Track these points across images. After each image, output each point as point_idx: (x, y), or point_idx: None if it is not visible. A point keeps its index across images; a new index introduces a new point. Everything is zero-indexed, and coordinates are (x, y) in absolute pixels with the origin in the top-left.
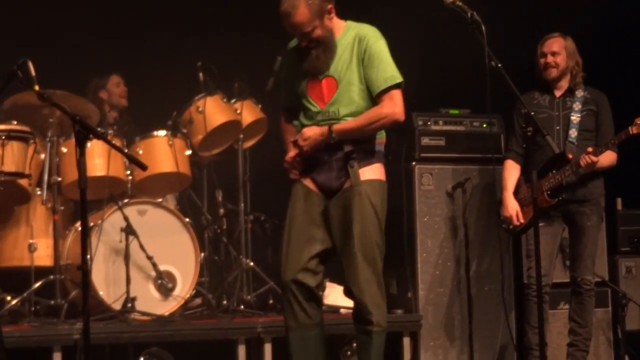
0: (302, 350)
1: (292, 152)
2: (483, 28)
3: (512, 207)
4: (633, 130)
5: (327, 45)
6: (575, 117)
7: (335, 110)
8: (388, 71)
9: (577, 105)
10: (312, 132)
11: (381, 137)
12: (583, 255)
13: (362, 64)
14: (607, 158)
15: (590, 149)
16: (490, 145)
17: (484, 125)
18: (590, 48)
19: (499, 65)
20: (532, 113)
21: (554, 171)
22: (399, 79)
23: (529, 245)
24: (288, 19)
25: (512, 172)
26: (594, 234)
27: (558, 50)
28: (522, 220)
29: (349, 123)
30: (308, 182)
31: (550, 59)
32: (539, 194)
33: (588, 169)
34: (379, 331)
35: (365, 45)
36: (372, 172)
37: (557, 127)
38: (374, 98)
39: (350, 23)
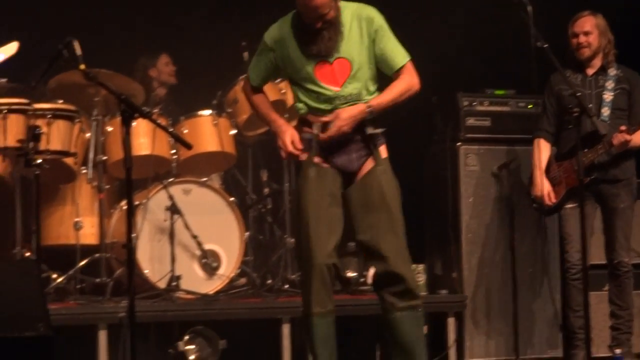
0: (327, 337)
1: (296, 136)
2: (529, 8)
3: (543, 186)
4: None
5: (336, 26)
6: (607, 96)
7: (352, 92)
8: (400, 48)
9: (609, 84)
10: (348, 112)
11: None
12: (618, 237)
13: (374, 43)
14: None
15: (623, 128)
16: (536, 125)
17: (530, 106)
18: (622, 25)
19: (545, 45)
20: (579, 94)
21: (585, 150)
22: (408, 55)
23: (564, 228)
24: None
25: (543, 151)
26: (628, 215)
27: (590, 30)
28: (553, 200)
29: (383, 97)
30: (322, 162)
31: (582, 38)
32: (570, 173)
33: (621, 147)
34: (422, 305)
35: (377, 24)
36: (385, 151)
37: (590, 106)
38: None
39: (345, 3)
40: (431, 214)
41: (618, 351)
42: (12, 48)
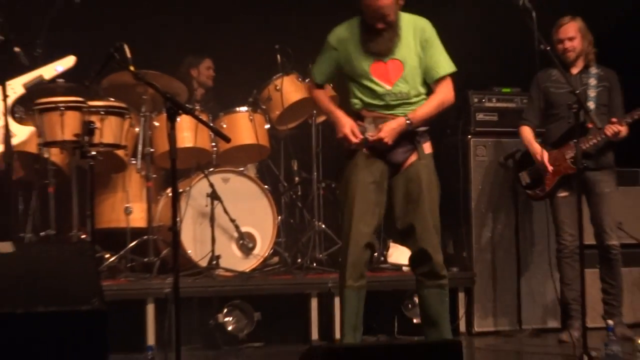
0: (357, 308)
1: (355, 126)
2: (533, 14)
3: (544, 153)
4: None
5: (395, 30)
6: (592, 92)
7: (402, 90)
8: (447, 59)
9: (592, 81)
10: (390, 126)
11: None
12: (607, 221)
13: (423, 51)
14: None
15: (615, 120)
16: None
17: None
18: (601, 27)
19: (548, 48)
20: (577, 92)
21: (574, 140)
22: (454, 67)
23: (558, 215)
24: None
25: (531, 134)
26: (614, 199)
27: (574, 35)
28: (548, 188)
29: (421, 112)
30: (370, 154)
31: (567, 44)
32: (561, 162)
33: (613, 137)
34: (447, 284)
35: (428, 35)
36: (429, 147)
37: (569, 102)
38: (427, 81)
39: (402, 13)
40: (444, 199)
41: (610, 322)
42: (69, 61)
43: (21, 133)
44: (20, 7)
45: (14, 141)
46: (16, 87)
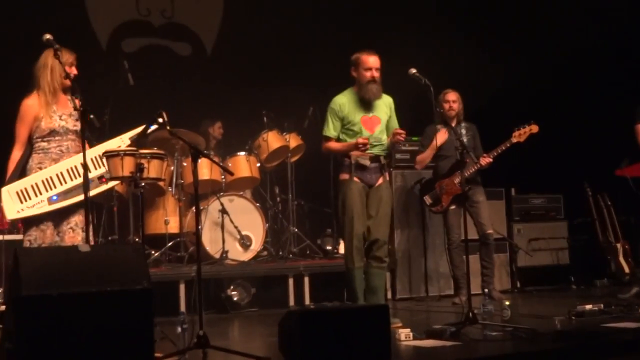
0: (361, 281)
1: (360, 139)
2: (431, 89)
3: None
4: (513, 140)
5: (378, 98)
6: (464, 139)
7: (379, 136)
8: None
9: (463, 131)
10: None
11: None
12: (485, 217)
13: (389, 116)
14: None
15: (485, 154)
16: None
17: None
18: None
19: (441, 110)
20: (462, 139)
21: (459, 171)
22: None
23: (449, 221)
24: (379, 61)
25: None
26: (486, 205)
27: (456, 99)
28: (445, 204)
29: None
30: (357, 180)
31: (452, 104)
32: (452, 186)
33: (487, 166)
34: (386, 265)
35: (392, 106)
36: (387, 176)
37: (456, 146)
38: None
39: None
40: None
41: (486, 290)
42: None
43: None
44: (93, 88)
45: (112, 183)
46: (124, 139)
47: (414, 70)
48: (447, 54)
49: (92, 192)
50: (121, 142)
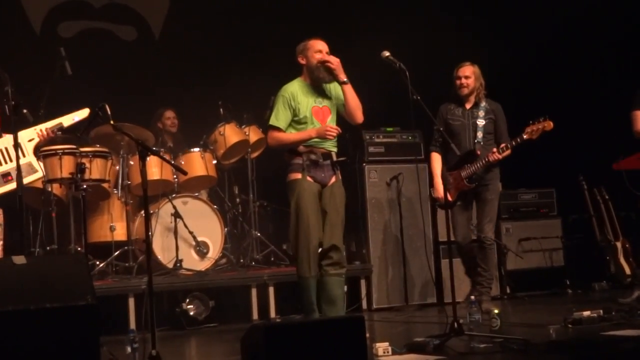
0: (315, 291)
1: (324, 127)
2: (407, 73)
3: (441, 190)
4: (525, 136)
5: (326, 86)
6: (480, 123)
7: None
8: None
9: (481, 114)
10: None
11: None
12: (487, 220)
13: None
14: (505, 154)
15: (495, 150)
16: (414, 151)
17: (409, 138)
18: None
19: (418, 97)
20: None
21: (467, 164)
22: None
23: (453, 219)
24: (326, 44)
25: (437, 161)
26: (494, 204)
27: (469, 74)
28: (450, 198)
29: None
30: (310, 180)
31: (463, 81)
32: (459, 181)
33: (494, 162)
34: (344, 272)
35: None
36: (339, 175)
37: (468, 131)
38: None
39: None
40: (348, 211)
41: (472, 297)
42: (84, 113)
43: (41, 170)
44: (25, 77)
45: (37, 175)
46: (43, 130)
47: (387, 54)
48: (429, 38)
49: None
50: (35, 133)
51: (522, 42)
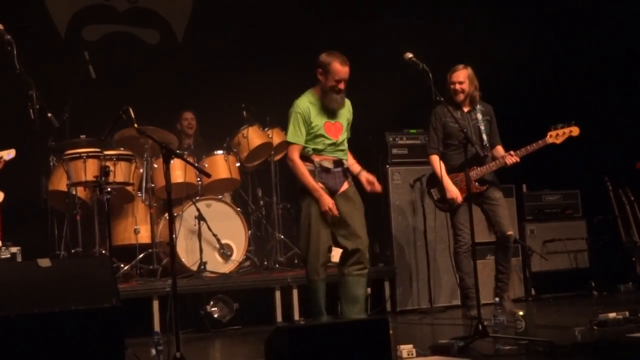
0: (324, 293)
1: (333, 202)
2: (430, 75)
3: (455, 190)
4: (548, 140)
5: (342, 105)
6: (482, 126)
7: (341, 140)
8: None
9: (479, 116)
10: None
11: None
12: (505, 217)
13: (349, 120)
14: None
15: (512, 152)
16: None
17: None
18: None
19: (441, 99)
20: (465, 130)
21: (475, 166)
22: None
23: (458, 220)
24: (349, 72)
25: (440, 164)
26: (505, 203)
27: (463, 80)
28: (460, 201)
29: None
30: (322, 186)
31: (458, 86)
32: (467, 183)
33: (511, 165)
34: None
35: (352, 110)
36: (351, 180)
37: (471, 134)
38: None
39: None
40: (371, 214)
41: (497, 299)
42: (12, 152)
43: None
44: (50, 81)
45: None
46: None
47: (410, 55)
48: (449, 37)
49: None
50: None
51: (547, 41)
